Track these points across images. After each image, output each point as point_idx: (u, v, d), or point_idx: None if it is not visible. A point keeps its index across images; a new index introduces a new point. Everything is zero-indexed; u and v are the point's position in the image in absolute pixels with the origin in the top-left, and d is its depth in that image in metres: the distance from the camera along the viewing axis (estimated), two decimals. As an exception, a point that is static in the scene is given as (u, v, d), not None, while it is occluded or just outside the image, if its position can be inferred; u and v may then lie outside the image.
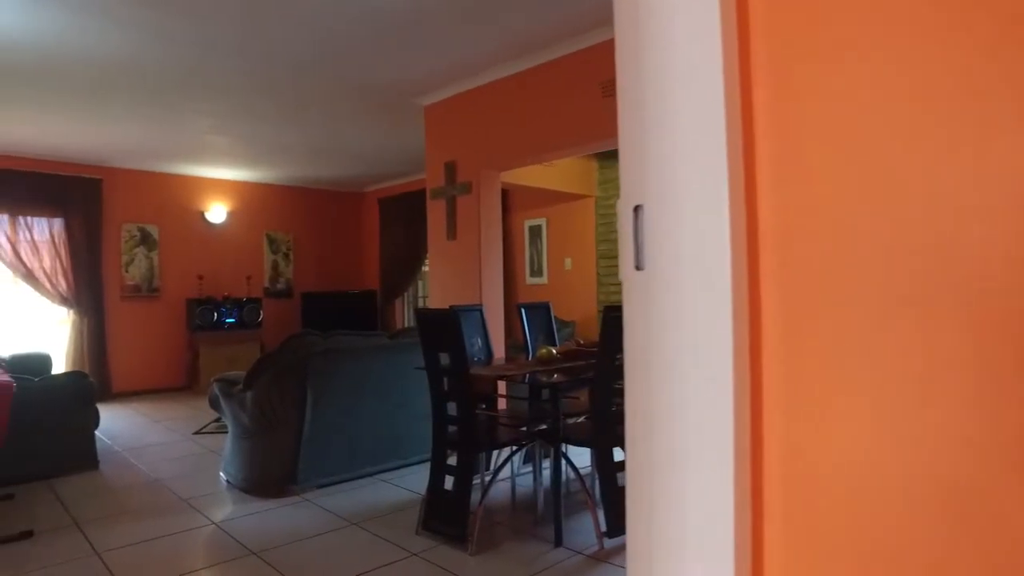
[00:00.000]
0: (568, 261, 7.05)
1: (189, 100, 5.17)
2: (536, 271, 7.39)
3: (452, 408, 3.11)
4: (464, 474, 2.97)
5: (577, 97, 4.31)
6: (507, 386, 4.18)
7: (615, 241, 6.44)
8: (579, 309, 6.87)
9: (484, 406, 3.39)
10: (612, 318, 2.99)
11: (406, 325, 9.25)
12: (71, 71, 4.44)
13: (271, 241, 8.80)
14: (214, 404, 4.09)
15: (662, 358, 0.97)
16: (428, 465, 4.31)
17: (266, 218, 8.76)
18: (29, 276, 6.98)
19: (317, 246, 9.30)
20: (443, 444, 3.11)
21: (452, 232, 5.19)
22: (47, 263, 7.08)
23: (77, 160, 7.20)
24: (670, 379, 0.96)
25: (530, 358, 3.97)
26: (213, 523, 3.32)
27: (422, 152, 7.05)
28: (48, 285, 7.07)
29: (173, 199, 7.93)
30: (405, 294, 9.21)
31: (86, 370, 7.15)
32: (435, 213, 5.37)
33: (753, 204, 0.93)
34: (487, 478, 3.68)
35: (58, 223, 7.15)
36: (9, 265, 6.89)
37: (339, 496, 3.72)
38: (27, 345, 6.51)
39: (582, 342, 3.73)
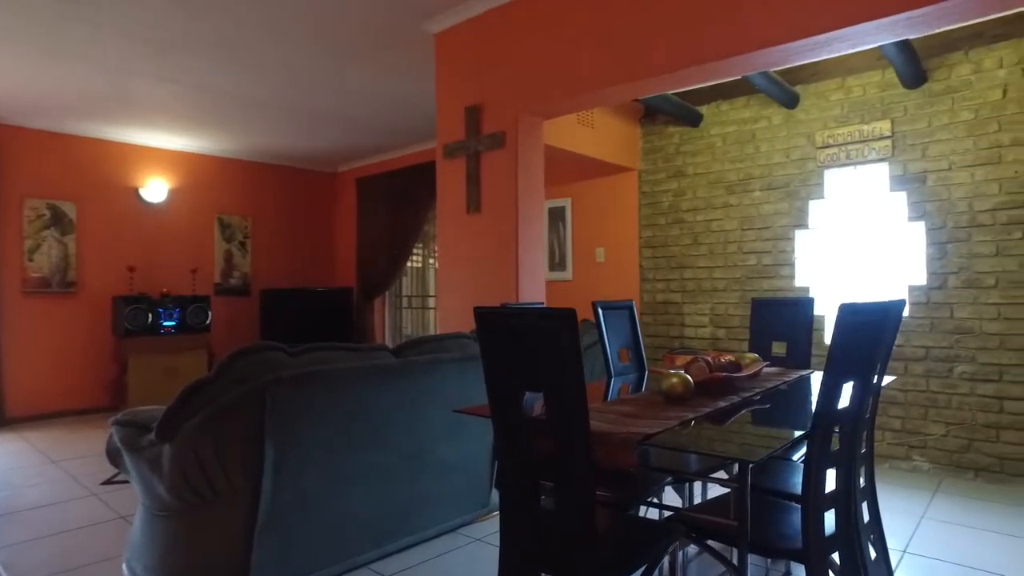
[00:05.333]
0: (600, 252, 5.65)
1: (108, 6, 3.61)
2: (558, 264, 5.97)
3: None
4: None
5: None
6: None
7: (664, 226, 5.08)
8: (614, 312, 5.47)
9: (611, 486, 1.95)
10: (852, 324, 1.59)
11: (406, 333, 7.74)
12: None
13: (224, 227, 7.19)
14: (114, 459, 2.56)
15: None
16: (452, 538, 2.89)
17: (218, 199, 7.15)
18: None
19: (281, 234, 7.71)
20: (528, 567, 1.65)
21: (475, 203, 3.74)
22: (-79, 247, 5.39)
23: (-36, 114, 5.54)
24: None
25: (611, 384, 2.56)
26: None
27: (418, 113, 5.64)
28: (-78, 276, 5.38)
29: (98, 171, 6.28)
30: (387, 293, 7.71)
31: (-28, 388, 5.48)
32: (449, 178, 3.91)
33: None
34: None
35: (-62, 196, 5.47)
36: None
37: (318, 618, 2.24)
38: None
39: (711, 359, 2.34)
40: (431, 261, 7.48)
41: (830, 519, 1.72)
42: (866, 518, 2.23)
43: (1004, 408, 3.80)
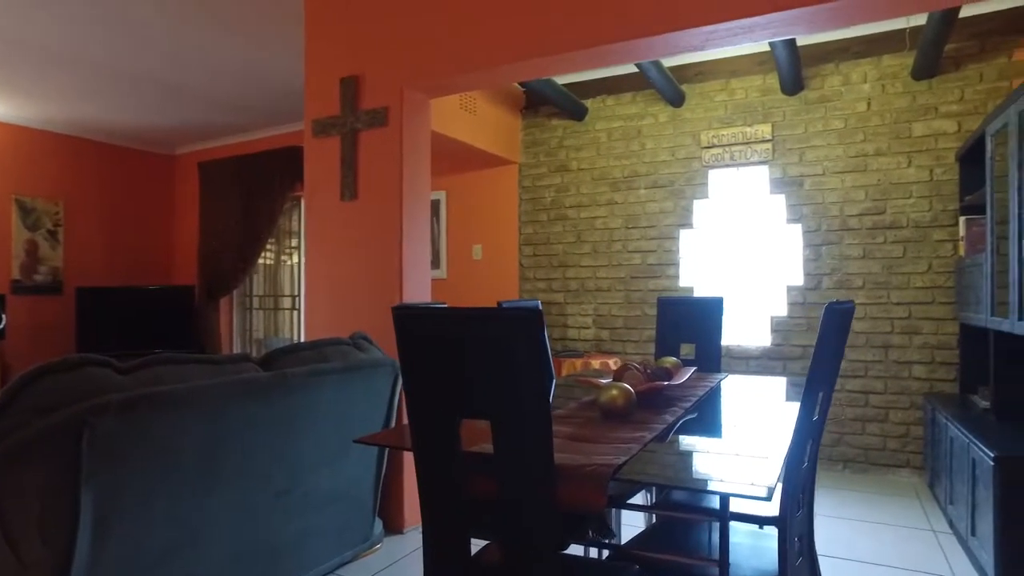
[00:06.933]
0: (477, 249, 5.34)
1: None
2: (431, 261, 5.57)
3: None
4: None
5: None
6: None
7: (545, 223, 4.88)
8: (494, 312, 5.18)
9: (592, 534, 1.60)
10: (836, 326, 1.39)
11: (257, 337, 6.88)
12: None
13: (26, 212, 5.98)
14: None
15: None
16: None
17: (17, 177, 5.93)
18: None
19: (104, 223, 6.58)
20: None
21: (351, 188, 3.26)
22: None
23: None
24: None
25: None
26: None
27: (276, 87, 4.98)
28: None
29: None
30: (235, 292, 6.86)
31: None
32: (319, 159, 3.40)
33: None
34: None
35: None
36: None
37: None
38: None
39: (642, 366, 2.10)
40: (284, 258, 6.76)
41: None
42: (802, 533, 2.10)
43: (869, 402, 3.98)
